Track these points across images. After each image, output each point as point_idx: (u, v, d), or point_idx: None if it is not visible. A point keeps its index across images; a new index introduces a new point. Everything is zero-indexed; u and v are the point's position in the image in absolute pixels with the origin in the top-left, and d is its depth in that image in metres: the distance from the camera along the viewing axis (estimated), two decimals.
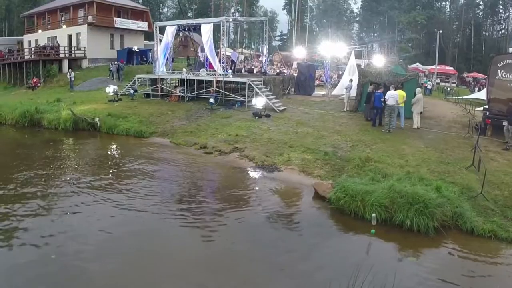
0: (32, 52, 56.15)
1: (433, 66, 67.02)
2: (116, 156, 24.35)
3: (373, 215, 13.16)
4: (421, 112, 25.28)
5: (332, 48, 39.90)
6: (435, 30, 67.75)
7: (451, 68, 73.89)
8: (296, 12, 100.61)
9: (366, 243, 12.38)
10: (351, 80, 31.50)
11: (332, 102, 32.93)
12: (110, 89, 37.89)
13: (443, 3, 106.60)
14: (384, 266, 10.93)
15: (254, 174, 19.16)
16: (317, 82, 41.80)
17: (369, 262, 10.91)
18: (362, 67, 34.60)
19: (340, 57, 45.85)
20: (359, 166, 17.63)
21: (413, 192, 13.30)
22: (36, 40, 61.46)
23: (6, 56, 58.18)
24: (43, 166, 21.41)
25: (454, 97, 41.86)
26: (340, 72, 44.88)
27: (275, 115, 28.29)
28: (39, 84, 51.13)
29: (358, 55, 43.69)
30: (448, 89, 53.84)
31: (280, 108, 29.64)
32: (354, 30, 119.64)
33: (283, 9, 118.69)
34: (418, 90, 25.66)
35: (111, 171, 20.40)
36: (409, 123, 24.54)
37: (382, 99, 23.81)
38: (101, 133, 29.71)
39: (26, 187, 17.76)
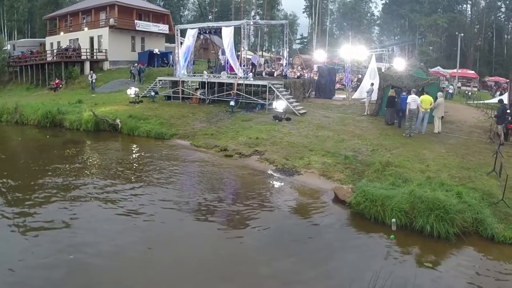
0: (54, 54, 56.73)
1: (454, 70, 66.60)
2: (137, 157, 24.50)
3: (393, 220, 13.12)
4: (442, 117, 25.16)
5: (353, 51, 39.79)
6: (456, 33, 67.47)
7: (473, 72, 73.08)
8: (317, 15, 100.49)
9: (386, 248, 12.32)
10: (372, 84, 31.39)
11: (352, 105, 32.89)
12: (132, 91, 38.14)
13: (464, 6, 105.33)
14: (403, 271, 10.95)
15: (274, 177, 19.19)
16: (337, 86, 41.70)
17: (388, 268, 10.95)
18: (382, 70, 34.48)
19: (361, 60, 45.68)
20: (379, 171, 17.56)
21: (434, 198, 13.20)
22: (58, 42, 62.06)
23: (29, 58, 58.84)
24: (64, 166, 21.70)
25: (476, 102, 41.57)
26: (360, 76, 44.70)
27: (296, 118, 28.27)
28: (61, 86, 51.72)
29: (379, 59, 43.52)
30: (470, 93, 53.47)
31: (301, 112, 29.63)
32: (374, 33, 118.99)
33: (304, 12, 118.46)
34: (439, 94, 25.57)
35: (131, 172, 20.61)
36: (430, 127, 24.40)
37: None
38: (122, 134, 30.01)
39: (46, 186, 18.10)
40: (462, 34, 65.69)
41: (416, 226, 12.91)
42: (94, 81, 48.40)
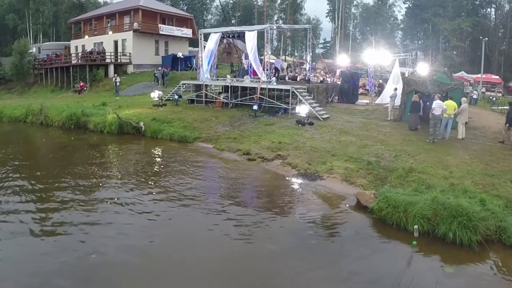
0: (79, 57, 57.61)
1: (479, 75, 65.85)
2: (160, 160, 24.79)
3: (415, 226, 13.07)
4: (466, 123, 24.98)
5: (376, 56, 39.66)
6: (480, 37, 66.67)
7: (497, 77, 72.24)
8: (340, 19, 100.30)
9: (407, 255, 12.27)
10: (396, 89, 31.23)
11: (375, 110, 32.76)
12: (155, 94, 38.45)
13: (489, 9, 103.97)
14: (425, 278, 10.92)
15: (297, 181, 19.23)
16: (360, 90, 41.58)
17: (410, 274, 10.95)
18: (406, 75, 34.33)
19: (384, 65, 45.51)
20: (402, 177, 17.44)
21: (457, 205, 13.09)
22: (83, 46, 63.08)
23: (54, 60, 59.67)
24: (88, 167, 22.17)
25: (500, 107, 41.13)
26: (381, 81, 44.48)
27: (319, 123, 28.30)
28: (85, 88, 52.45)
29: (402, 63, 43.32)
30: (494, 98, 52.91)
31: (324, 116, 29.63)
32: (397, 38, 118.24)
33: (327, 17, 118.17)
34: (463, 99, 25.34)
35: (154, 174, 20.89)
36: (454, 133, 24.22)
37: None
38: (145, 137, 30.31)
39: (69, 187, 18.51)
40: (486, 39, 64.84)
41: (439, 233, 12.80)
42: (118, 84, 48.92)
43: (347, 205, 16.12)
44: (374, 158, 20.32)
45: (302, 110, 29.00)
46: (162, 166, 22.93)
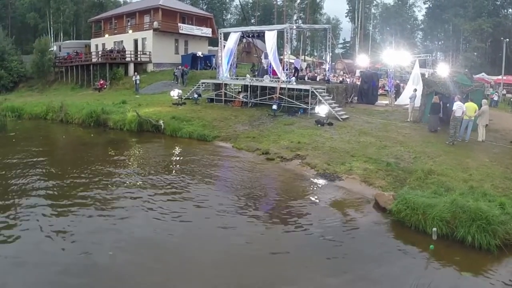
0: (99, 56, 58.18)
1: (499, 77, 65.21)
2: (179, 158, 24.99)
3: (434, 229, 12.96)
4: (486, 125, 24.79)
5: (396, 56, 39.50)
6: (502, 38, 66.08)
7: None
8: (359, 19, 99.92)
9: (425, 258, 12.20)
10: (415, 90, 31.07)
11: (395, 111, 32.63)
12: (175, 93, 38.68)
13: (510, 10, 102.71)
14: (442, 282, 10.89)
15: (315, 182, 19.25)
16: (380, 91, 41.43)
17: (428, 277, 10.93)
18: (426, 76, 34.15)
19: (404, 65, 45.32)
20: (421, 179, 17.32)
21: (476, 208, 12.95)
22: (103, 44, 63.75)
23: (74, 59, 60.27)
24: (107, 164, 22.44)
25: None
26: (397, 81, 44.24)
27: (338, 123, 28.28)
28: (105, 86, 52.87)
29: (422, 64, 43.08)
30: None
31: (343, 117, 29.61)
32: (417, 38, 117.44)
33: (346, 16, 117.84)
34: (484, 101, 25.14)
35: (172, 173, 21.07)
36: (474, 135, 24.04)
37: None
38: (165, 135, 30.54)
39: (88, 184, 18.78)
40: (508, 40, 64.21)
41: (457, 236, 12.70)
42: (138, 82, 49.28)
43: (366, 206, 16.09)
44: (394, 159, 20.24)
45: (322, 110, 28.99)
46: (181, 164, 23.10)
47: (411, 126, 27.37)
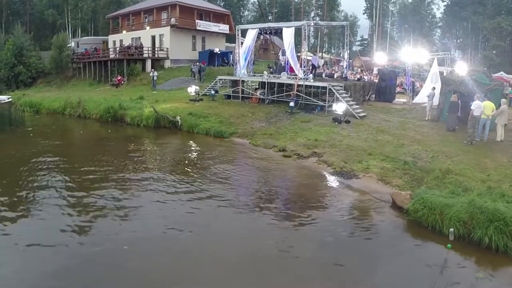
0: (117, 52, 58.51)
1: None
2: (196, 154, 25.13)
3: (451, 229, 12.86)
4: (505, 124, 24.54)
5: (414, 54, 39.22)
6: None
7: None
8: (377, 16, 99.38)
9: (442, 258, 12.08)
10: (434, 88, 30.78)
11: (413, 110, 32.38)
12: (192, 89, 38.85)
13: None
14: (459, 283, 10.87)
15: (332, 179, 19.25)
16: (398, 89, 41.16)
17: (444, 279, 10.89)
18: (444, 74, 33.87)
19: (422, 63, 44.94)
20: (439, 178, 17.18)
21: (494, 209, 12.81)
22: (121, 40, 64.32)
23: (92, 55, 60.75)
24: (124, 159, 22.79)
25: None
26: (413, 79, 43.77)
27: (355, 121, 28.19)
28: (122, 82, 53.30)
29: (441, 62, 42.68)
30: None
31: (360, 115, 29.47)
32: (436, 36, 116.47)
33: (364, 14, 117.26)
34: (503, 101, 24.88)
35: (189, 168, 21.26)
36: (493, 135, 23.74)
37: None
38: (181, 131, 30.77)
39: (105, 179, 19.07)
40: None
41: (474, 237, 12.55)
42: (155, 78, 49.58)
43: (382, 205, 16.03)
44: (411, 158, 20.10)
45: (339, 107, 28.85)
46: (197, 161, 23.22)
47: (429, 125, 27.14)
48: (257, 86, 38.76)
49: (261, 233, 13.60)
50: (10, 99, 47.88)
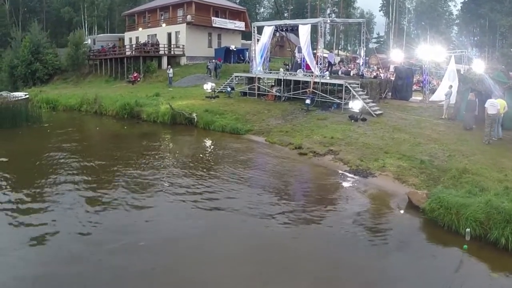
0: (133, 49, 58.93)
1: None
2: (211, 151, 25.25)
3: (467, 230, 12.76)
4: None
5: (431, 51, 38.96)
6: None
7: None
8: (394, 13, 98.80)
9: (457, 259, 12.03)
10: (451, 86, 30.61)
11: (429, 108, 32.16)
12: (208, 86, 39.01)
13: None
14: (474, 284, 10.83)
15: (348, 178, 19.25)
16: (415, 87, 40.94)
17: (459, 279, 10.87)
18: (461, 72, 33.64)
19: (439, 61, 44.65)
20: (455, 177, 17.06)
21: (511, 209, 12.68)
22: (137, 38, 64.62)
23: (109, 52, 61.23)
24: (141, 155, 23.14)
25: None
26: (431, 78, 43.44)
27: (372, 119, 28.08)
28: (139, 79, 53.56)
29: (458, 60, 42.36)
30: None
31: (377, 112, 29.35)
32: (452, 33, 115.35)
33: (380, 11, 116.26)
34: None
35: (204, 165, 21.37)
36: (511, 135, 23.64)
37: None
38: (197, 128, 30.90)
39: (121, 174, 19.36)
40: None
41: (491, 238, 12.44)
42: (171, 75, 49.77)
43: (398, 204, 16.02)
44: (427, 157, 19.97)
45: (355, 105, 28.78)
46: (213, 157, 23.36)
47: (445, 124, 26.94)
48: (273, 83, 38.81)
49: (275, 231, 13.66)
50: (27, 96, 48.20)
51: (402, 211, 15.44)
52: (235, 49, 59.99)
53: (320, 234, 13.61)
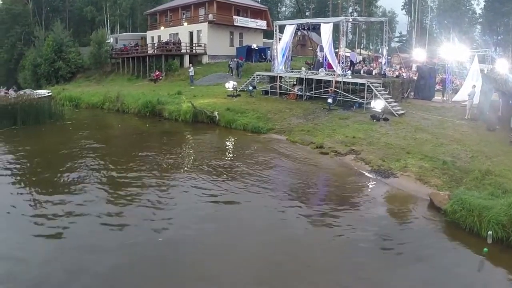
0: (155, 47, 59.26)
1: None
2: (233, 149, 25.47)
3: (489, 232, 12.65)
4: None
5: (454, 51, 38.63)
6: None
7: None
8: (416, 12, 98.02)
9: (479, 262, 11.96)
10: (474, 86, 30.29)
11: (452, 108, 31.85)
12: (230, 85, 39.13)
13: None
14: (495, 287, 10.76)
15: (369, 178, 19.28)
16: (437, 87, 40.62)
17: (480, 282, 10.84)
18: (485, 72, 33.33)
19: (462, 60, 44.27)
20: (478, 179, 16.89)
21: None
22: (159, 36, 65.02)
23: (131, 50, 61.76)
24: (162, 152, 23.58)
25: None
26: (454, 77, 43.07)
27: (394, 119, 27.91)
28: (161, 77, 53.88)
29: (481, 60, 41.92)
30: None
31: (399, 112, 29.16)
32: (476, 32, 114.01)
33: (402, 9, 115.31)
34: None
35: (225, 163, 21.60)
36: None
37: None
38: (219, 126, 31.07)
39: (142, 171, 19.76)
40: None
41: None
42: (193, 74, 49.91)
43: (420, 205, 15.96)
44: (450, 158, 19.84)
45: (377, 105, 28.65)
46: (234, 155, 23.53)
47: (468, 124, 26.65)
48: (295, 82, 38.73)
49: (294, 230, 13.78)
50: (50, 94, 48.76)
51: (423, 212, 15.33)
52: (256, 48, 59.96)
53: (339, 233, 13.63)
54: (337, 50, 37.31)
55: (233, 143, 26.73)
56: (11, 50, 79.76)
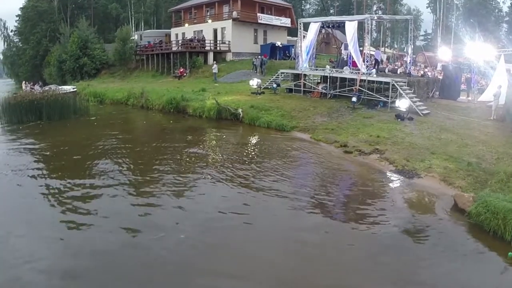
0: (180, 44, 59.91)
1: None
2: (257, 146, 25.56)
3: None
4: None
5: (480, 50, 38.25)
6: None
7: None
8: (441, 10, 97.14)
9: (503, 266, 11.75)
10: (500, 86, 30.01)
11: (478, 108, 31.58)
12: (254, 82, 39.20)
13: None
14: None
15: (393, 178, 19.19)
16: (462, 87, 40.28)
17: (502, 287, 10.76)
18: (511, 72, 32.97)
19: (488, 60, 43.81)
20: (503, 181, 16.69)
21: None
22: (183, 33, 65.68)
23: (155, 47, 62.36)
24: (186, 149, 23.80)
25: None
26: (468, 75, 42.58)
27: (418, 118, 27.75)
28: (185, 74, 54.48)
29: (508, 59, 41.39)
30: None
31: (424, 112, 29.00)
32: (502, 31, 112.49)
33: (427, 7, 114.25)
34: None
35: (248, 160, 21.74)
36: None
37: None
38: (243, 123, 31.31)
39: (166, 166, 20.11)
40: None
41: None
42: (215, 71, 50.23)
43: (443, 207, 15.84)
44: (475, 159, 19.65)
45: (402, 104, 28.48)
46: (258, 153, 23.60)
47: (494, 125, 26.43)
48: (319, 80, 38.71)
49: (316, 228, 13.84)
50: (75, 89, 49.38)
51: (447, 214, 15.24)
52: (281, 46, 60.08)
53: (362, 233, 13.65)
54: (361, 48, 37.21)
55: (257, 140, 26.85)
56: (36, 46, 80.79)
